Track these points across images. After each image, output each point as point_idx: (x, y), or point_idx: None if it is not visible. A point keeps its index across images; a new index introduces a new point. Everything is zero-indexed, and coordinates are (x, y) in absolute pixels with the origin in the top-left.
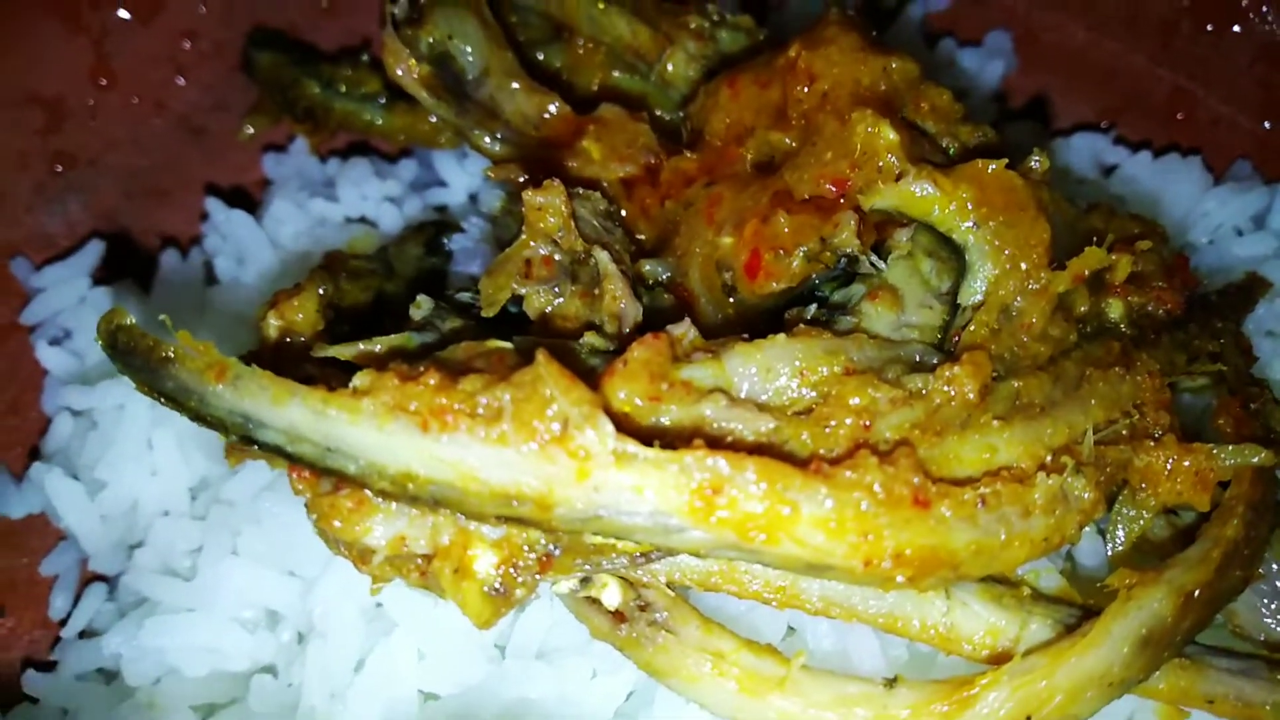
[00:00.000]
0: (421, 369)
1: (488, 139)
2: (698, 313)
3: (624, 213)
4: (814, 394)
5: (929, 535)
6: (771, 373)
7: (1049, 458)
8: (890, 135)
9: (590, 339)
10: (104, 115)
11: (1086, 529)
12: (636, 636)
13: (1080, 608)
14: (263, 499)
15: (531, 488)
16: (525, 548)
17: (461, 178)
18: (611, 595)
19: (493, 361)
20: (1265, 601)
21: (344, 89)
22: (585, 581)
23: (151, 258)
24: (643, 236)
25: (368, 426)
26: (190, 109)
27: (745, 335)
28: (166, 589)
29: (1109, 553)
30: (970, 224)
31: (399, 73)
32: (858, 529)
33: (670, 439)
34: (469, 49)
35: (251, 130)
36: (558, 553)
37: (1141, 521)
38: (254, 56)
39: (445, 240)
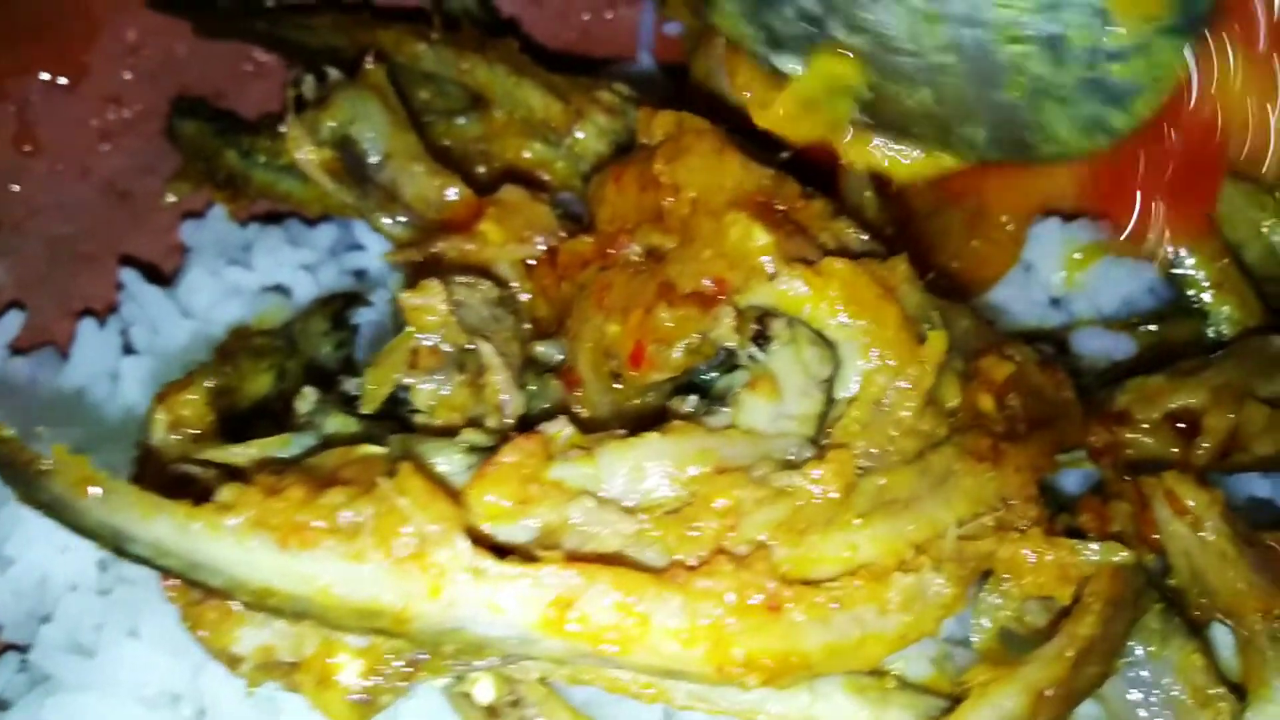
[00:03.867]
0: (286, 481)
1: (389, 221)
2: (585, 398)
3: (524, 295)
4: (685, 493)
5: (781, 639)
6: (641, 472)
7: (910, 554)
8: (762, 238)
9: (469, 435)
10: (28, 181)
11: None
12: None
13: (948, 698)
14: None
15: (388, 604)
16: (391, 655)
17: (380, 242)
18: (484, 691)
19: (361, 470)
20: (1135, 692)
21: (263, 159)
22: (460, 677)
23: (71, 326)
24: (543, 317)
25: (229, 543)
26: (115, 175)
27: (623, 431)
28: (70, 667)
29: (974, 642)
30: (840, 321)
31: (298, 158)
32: (709, 637)
33: (534, 547)
34: (371, 133)
35: (174, 197)
36: (425, 657)
37: (1006, 611)
38: (177, 125)
39: (351, 315)
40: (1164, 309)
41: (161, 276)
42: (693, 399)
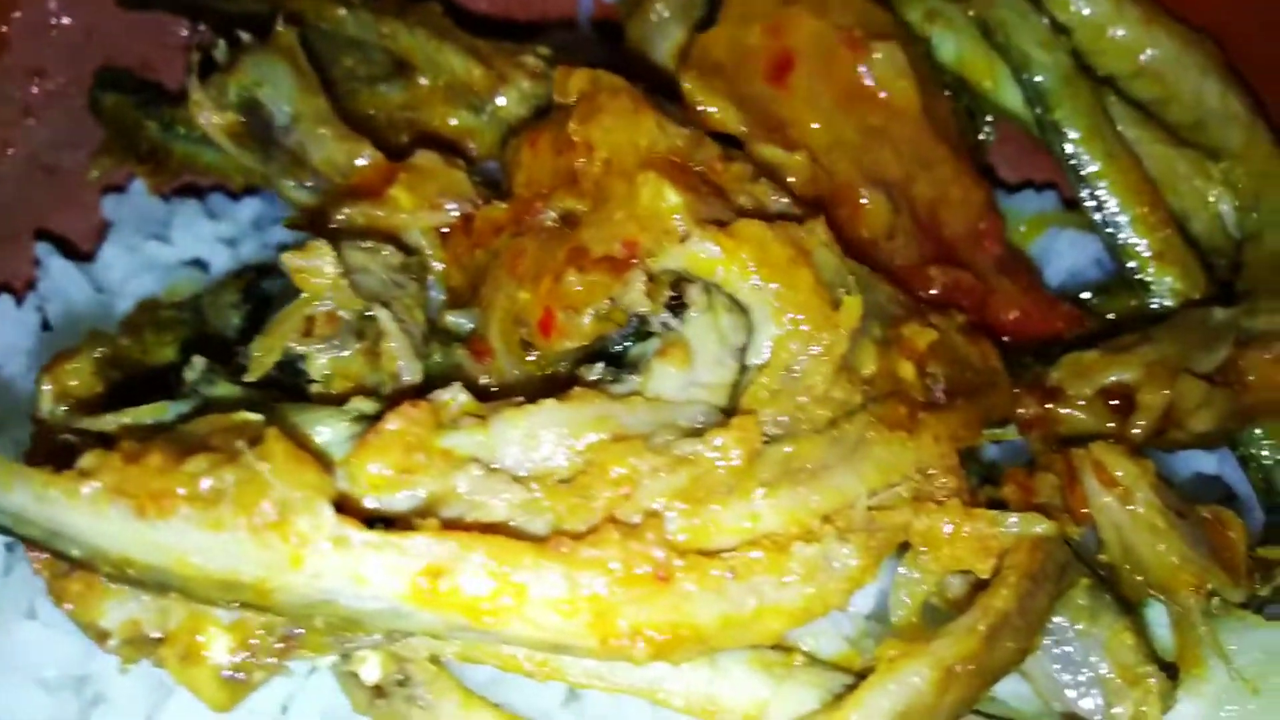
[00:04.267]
0: (148, 448)
1: (295, 187)
2: (494, 368)
3: (437, 263)
4: (581, 461)
5: (670, 611)
6: (535, 440)
7: (817, 524)
8: (673, 198)
9: (357, 403)
10: None
11: None
12: (392, 712)
13: (857, 675)
14: None
15: (249, 574)
16: (262, 630)
17: None
18: (370, 670)
19: (229, 437)
20: (1060, 670)
21: (183, 131)
22: (346, 656)
23: None
24: (458, 287)
25: (86, 510)
26: (39, 149)
27: (520, 399)
28: None
29: (893, 618)
30: (753, 284)
31: (202, 122)
32: (592, 608)
33: (414, 517)
34: (278, 96)
35: (98, 172)
36: (300, 633)
37: (925, 586)
38: (98, 97)
39: (265, 286)
40: (1109, 281)
41: (83, 253)
42: (599, 366)
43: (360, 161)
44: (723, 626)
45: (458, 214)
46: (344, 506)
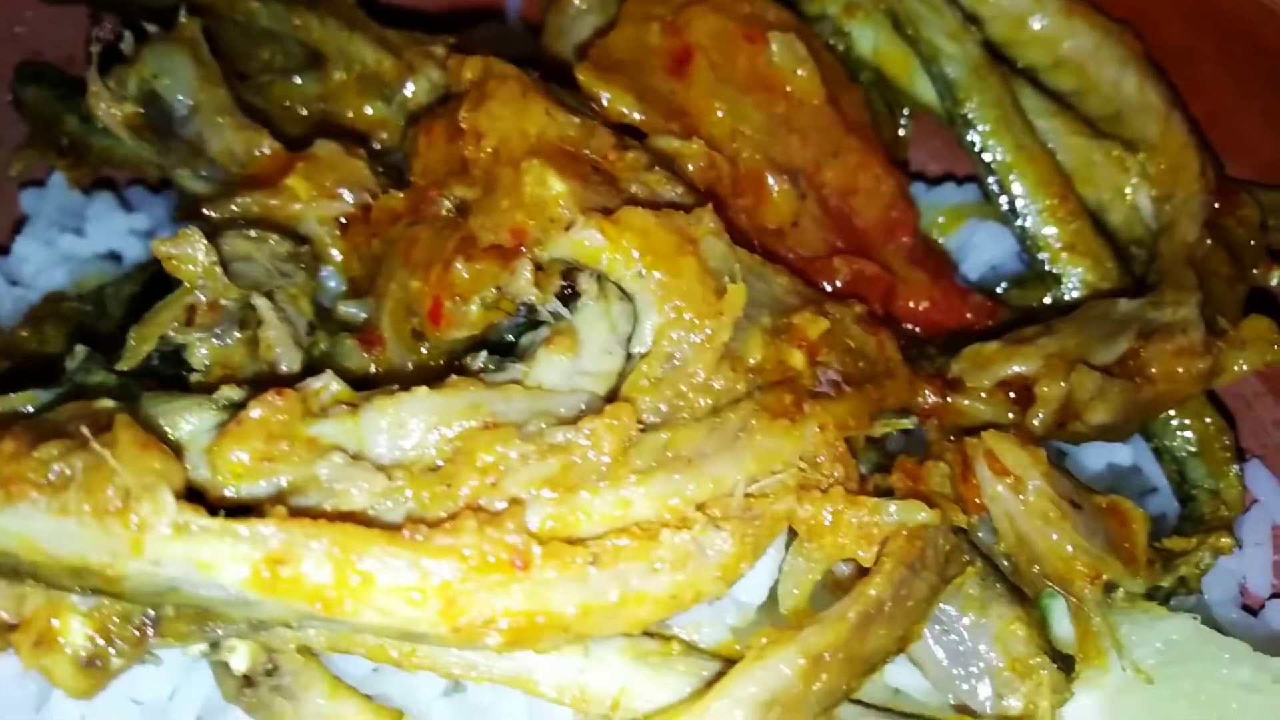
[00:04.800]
0: (3, 434)
1: (191, 177)
2: (384, 358)
3: (336, 253)
4: (450, 449)
5: (526, 599)
6: (404, 428)
7: (691, 512)
8: (557, 185)
9: (226, 392)
10: None
11: None
12: (258, 702)
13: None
14: None
15: (96, 560)
16: (119, 617)
17: None
18: (238, 659)
19: (86, 424)
20: (950, 661)
21: (102, 125)
22: (215, 645)
23: None
24: (358, 278)
25: None
26: None
27: (395, 387)
28: None
29: (781, 607)
30: (636, 272)
31: (99, 113)
32: (441, 596)
33: (270, 505)
34: (178, 87)
35: (20, 166)
36: (159, 619)
37: (812, 576)
38: (20, 91)
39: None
40: (1025, 274)
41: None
42: (483, 355)
43: (260, 152)
44: (584, 614)
45: (355, 204)
46: (201, 495)
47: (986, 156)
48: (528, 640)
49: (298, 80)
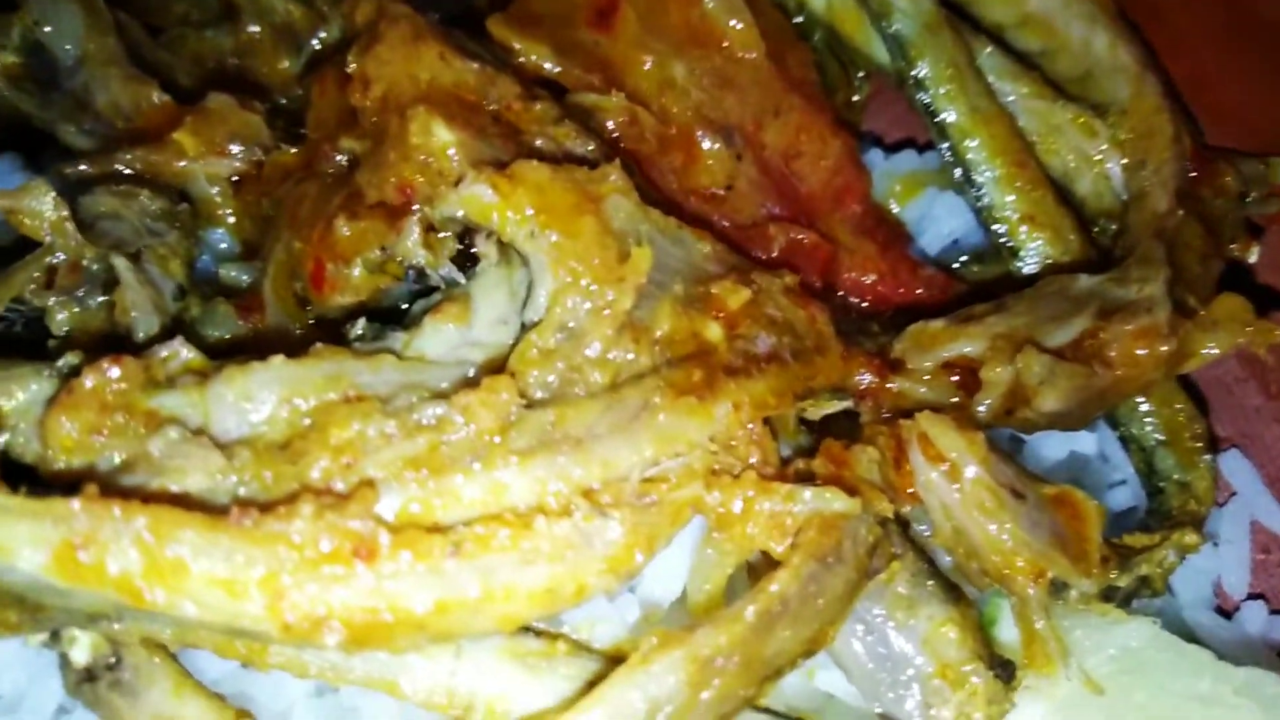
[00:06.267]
0: None
1: (75, 132)
2: (263, 324)
3: (227, 212)
4: (306, 424)
5: (368, 594)
6: (253, 400)
7: (577, 498)
8: (444, 135)
9: (69, 359)
10: None
11: None
12: (95, 698)
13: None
14: None
15: None
16: None
17: None
18: (79, 651)
19: None
20: (876, 667)
21: None
22: (56, 636)
23: None
24: (251, 239)
25: None
26: None
27: (254, 356)
28: None
29: (689, 604)
30: (529, 231)
31: None
32: (265, 588)
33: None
34: (64, 36)
35: None
36: None
37: (725, 569)
38: None
39: None
40: (984, 248)
41: None
42: (362, 322)
43: (148, 104)
44: (440, 611)
45: (247, 160)
46: (30, 471)
47: (939, 119)
48: (376, 640)
49: (210, 34)
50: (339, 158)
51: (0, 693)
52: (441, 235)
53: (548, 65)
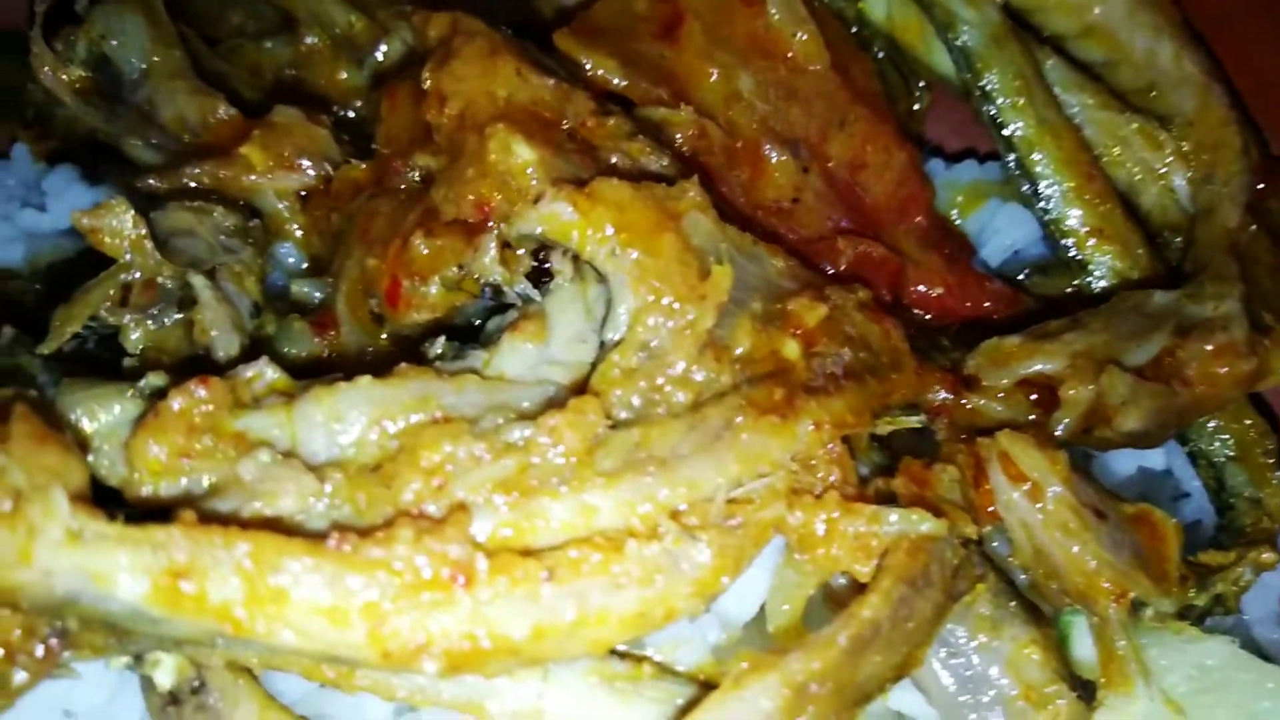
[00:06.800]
0: None
1: (141, 146)
2: (338, 342)
3: (295, 228)
4: (394, 447)
5: (468, 620)
6: (342, 422)
7: (663, 520)
8: (525, 153)
9: (152, 379)
10: None
11: None
12: None
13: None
14: None
15: None
16: (21, 629)
17: None
18: (163, 675)
19: None
20: (958, 689)
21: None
22: (139, 659)
23: None
24: (320, 255)
25: None
26: None
27: (339, 376)
28: None
29: (769, 626)
30: (610, 250)
31: (42, 77)
32: (367, 616)
33: (184, 508)
34: (129, 49)
35: None
36: (65, 633)
37: (805, 590)
38: None
39: None
40: (1049, 261)
41: None
42: (441, 341)
43: (214, 118)
44: (536, 636)
45: (316, 175)
46: (117, 496)
47: (1006, 132)
48: (472, 666)
49: (269, 45)
50: (411, 174)
51: (76, 712)
52: (518, 252)
53: (615, 80)
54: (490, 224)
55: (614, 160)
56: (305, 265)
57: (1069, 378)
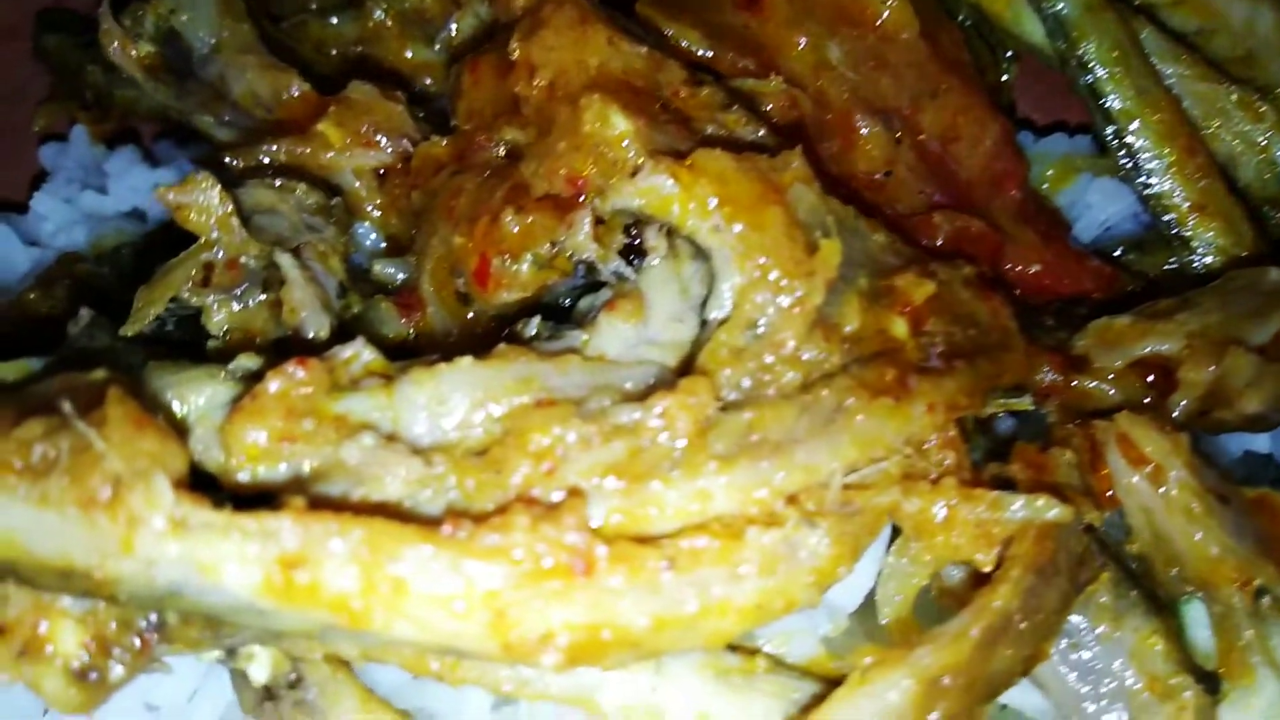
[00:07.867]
0: None
1: (214, 123)
2: (424, 323)
3: (373, 206)
4: (499, 430)
5: (588, 610)
6: (445, 404)
7: (780, 506)
8: (621, 124)
9: (243, 361)
10: None
11: None
12: (278, 717)
13: (830, 684)
14: None
15: (83, 561)
16: (117, 622)
17: None
18: (258, 669)
19: (73, 398)
20: (1078, 680)
21: (126, 74)
22: (232, 652)
23: None
24: (398, 234)
25: None
26: None
27: (436, 357)
28: None
29: (881, 617)
30: (713, 224)
31: (111, 53)
32: (489, 607)
33: (289, 494)
34: (199, 24)
35: (43, 122)
36: (161, 623)
37: (918, 579)
38: (42, 40)
39: None
40: (1145, 237)
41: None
42: (537, 320)
43: (288, 94)
44: (657, 628)
45: (394, 152)
46: (212, 482)
47: (1104, 103)
48: (591, 657)
49: (334, 21)
50: (496, 149)
51: (159, 705)
52: (612, 229)
53: (700, 50)
54: (583, 199)
55: (709, 131)
56: (383, 245)
57: (1186, 359)
